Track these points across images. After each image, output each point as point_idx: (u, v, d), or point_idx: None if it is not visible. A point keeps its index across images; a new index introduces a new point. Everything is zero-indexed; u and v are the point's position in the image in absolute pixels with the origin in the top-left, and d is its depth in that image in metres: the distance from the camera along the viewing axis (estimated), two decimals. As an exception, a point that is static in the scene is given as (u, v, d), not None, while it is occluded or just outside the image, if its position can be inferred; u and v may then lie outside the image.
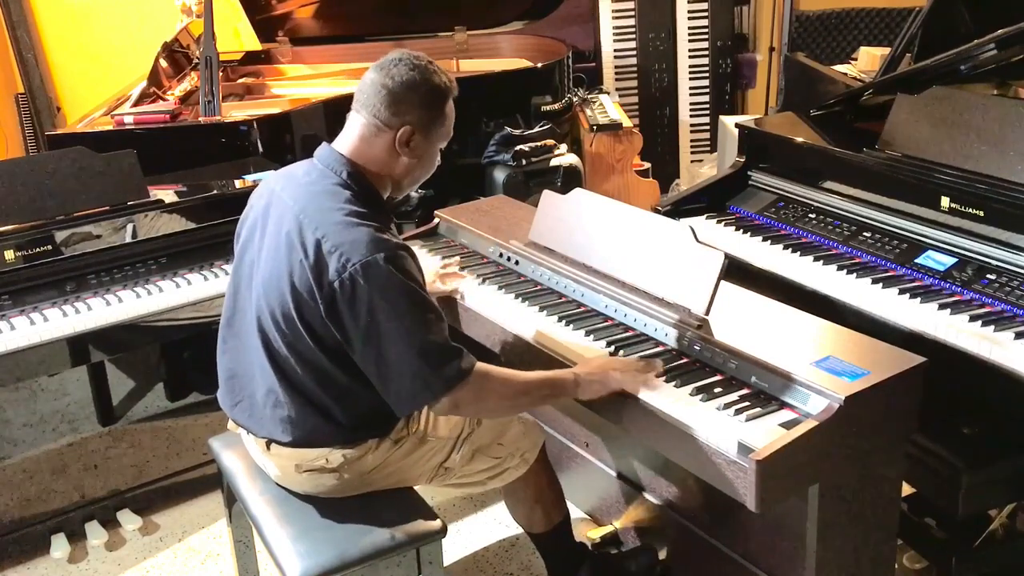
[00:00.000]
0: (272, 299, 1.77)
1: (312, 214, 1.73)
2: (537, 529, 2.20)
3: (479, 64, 4.44)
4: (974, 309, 2.03)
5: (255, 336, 1.83)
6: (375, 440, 1.88)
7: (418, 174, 1.88)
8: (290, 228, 1.75)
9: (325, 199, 1.75)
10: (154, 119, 3.26)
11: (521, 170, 3.82)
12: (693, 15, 4.98)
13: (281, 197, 1.82)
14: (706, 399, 1.76)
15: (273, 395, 1.84)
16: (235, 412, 1.95)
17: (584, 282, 2.19)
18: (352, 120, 1.83)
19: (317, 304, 1.70)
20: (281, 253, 1.76)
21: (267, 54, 4.45)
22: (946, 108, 2.33)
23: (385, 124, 1.78)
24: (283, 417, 1.83)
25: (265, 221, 1.85)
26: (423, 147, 1.83)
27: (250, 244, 1.89)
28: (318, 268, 1.68)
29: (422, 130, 1.81)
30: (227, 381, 1.96)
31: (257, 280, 1.83)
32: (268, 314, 1.79)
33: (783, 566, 1.95)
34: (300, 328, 1.74)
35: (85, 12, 4.81)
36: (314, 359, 1.77)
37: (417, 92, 1.78)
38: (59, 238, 2.53)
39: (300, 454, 1.86)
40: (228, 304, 1.95)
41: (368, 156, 1.80)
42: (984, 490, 1.96)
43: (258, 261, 1.84)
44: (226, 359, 1.96)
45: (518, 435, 2.08)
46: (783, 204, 2.67)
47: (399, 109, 1.77)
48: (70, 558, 2.58)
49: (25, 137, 4.88)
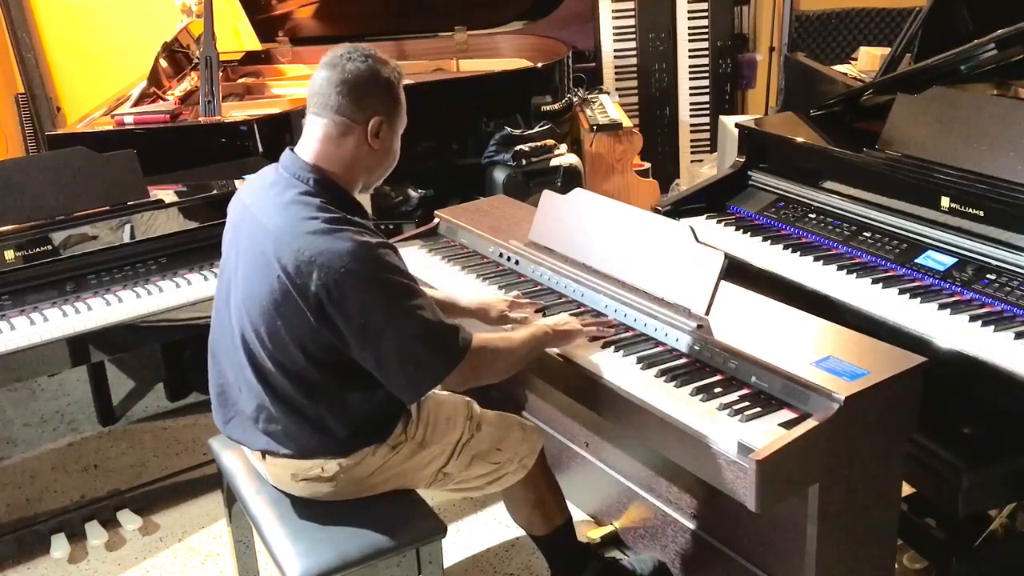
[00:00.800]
0: (255, 317, 1.76)
1: (286, 228, 1.71)
2: (538, 531, 2.20)
3: (479, 64, 4.44)
4: (974, 309, 2.03)
5: (240, 353, 1.81)
6: (371, 448, 1.86)
7: (386, 166, 1.86)
8: (265, 247, 1.72)
9: (296, 211, 1.72)
10: (154, 119, 3.26)
11: (521, 170, 3.82)
12: (693, 15, 4.98)
13: (252, 212, 1.80)
14: (706, 399, 1.76)
15: (264, 411, 1.82)
16: (228, 429, 1.93)
17: (584, 282, 2.19)
18: (312, 124, 1.78)
19: (306, 317, 1.68)
20: (259, 271, 1.73)
21: (267, 54, 4.45)
22: (946, 108, 2.33)
23: (352, 120, 1.75)
24: (276, 432, 1.82)
25: (238, 238, 1.83)
26: (390, 137, 1.82)
27: (227, 263, 1.88)
28: (301, 282, 1.66)
29: (388, 119, 1.79)
30: (218, 397, 1.94)
31: (236, 299, 1.81)
32: (252, 332, 1.77)
33: (783, 566, 1.95)
34: (287, 342, 1.72)
35: (85, 12, 4.81)
36: (302, 372, 1.75)
37: (378, 82, 1.76)
38: (59, 238, 2.53)
39: (295, 464, 1.85)
40: (215, 318, 1.94)
41: (335, 157, 1.77)
42: (984, 490, 1.95)
43: (235, 280, 1.82)
44: (215, 375, 1.94)
45: (517, 441, 2.07)
46: (783, 204, 2.67)
47: (364, 102, 1.75)
48: (70, 558, 2.58)
49: (25, 137, 4.88)
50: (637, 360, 1.92)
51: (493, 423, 2.05)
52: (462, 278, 2.43)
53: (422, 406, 1.95)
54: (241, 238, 1.81)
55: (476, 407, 2.05)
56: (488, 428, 2.03)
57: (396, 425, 1.89)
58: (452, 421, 1.98)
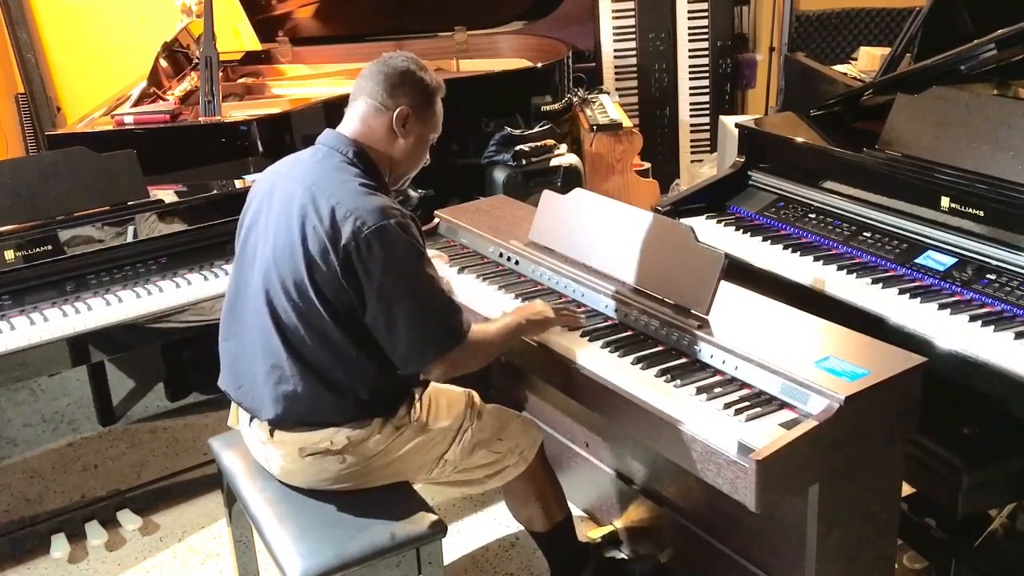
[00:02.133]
0: (284, 268, 1.83)
1: (324, 185, 1.83)
2: (538, 528, 2.21)
3: (479, 64, 4.44)
4: (974, 309, 2.03)
5: (263, 314, 1.87)
6: (379, 420, 1.90)
7: (412, 161, 1.98)
8: (303, 200, 1.83)
9: (335, 173, 1.86)
10: (154, 119, 3.26)
11: (521, 170, 3.82)
12: (693, 15, 4.98)
13: (289, 176, 1.92)
14: (706, 399, 1.76)
15: (278, 371, 1.86)
16: (239, 395, 1.97)
17: (584, 282, 2.19)
18: (352, 107, 1.95)
19: (333, 267, 1.77)
20: (293, 224, 1.82)
21: (267, 54, 4.45)
22: (946, 108, 2.33)
23: (383, 105, 1.90)
24: (287, 392, 1.86)
25: (271, 201, 1.92)
26: (417, 130, 1.94)
27: (255, 227, 1.95)
28: (334, 232, 1.76)
29: (416, 113, 1.92)
30: (230, 366, 2.00)
31: (266, 255, 1.88)
32: (279, 284, 1.84)
33: (783, 566, 1.95)
34: (311, 295, 1.80)
35: (85, 12, 4.80)
36: (324, 328, 1.82)
37: (412, 79, 1.92)
38: (59, 238, 2.53)
39: (304, 437, 1.88)
40: (231, 291, 2.00)
41: (370, 136, 1.91)
42: (984, 490, 1.95)
43: (265, 238, 1.89)
44: (229, 345, 2.00)
45: (517, 431, 2.09)
46: (783, 204, 2.67)
47: (396, 92, 1.90)
48: (70, 558, 2.58)
49: (25, 137, 4.88)
50: (637, 360, 1.92)
51: (493, 413, 2.10)
52: (462, 278, 2.43)
53: (424, 392, 2.01)
54: (275, 200, 1.91)
55: (477, 397, 2.10)
56: (489, 417, 2.08)
57: (402, 402, 1.94)
58: (453, 407, 2.03)
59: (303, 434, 1.88)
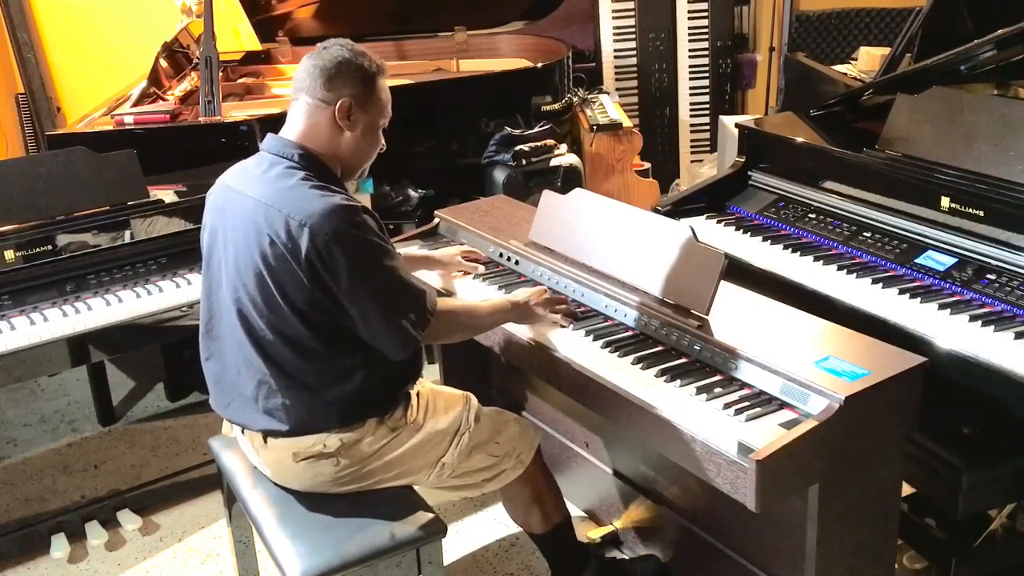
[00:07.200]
0: (251, 287, 1.82)
1: (274, 197, 1.80)
2: (536, 530, 2.20)
3: (479, 64, 4.43)
4: (974, 309, 2.03)
5: (238, 331, 1.86)
6: (373, 422, 1.90)
7: (364, 152, 1.93)
8: (255, 216, 1.80)
9: (282, 181, 1.82)
10: (154, 119, 3.25)
11: (521, 170, 3.82)
12: (693, 15, 4.98)
13: (238, 191, 1.88)
14: (706, 399, 1.76)
15: (265, 386, 1.86)
16: (229, 412, 1.96)
17: (584, 282, 2.19)
18: (293, 107, 1.90)
19: (299, 277, 1.76)
20: (251, 240, 1.80)
21: (267, 54, 4.45)
22: (946, 108, 2.33)
23: (323, 101, 1.85)
24: (277, 406, 1.86)
25: (224, 219, 1.90)
26: (363, 119, 1.89)
27: (215, 246, 1.93)
28: (292, 245, 1.75)
29: (359, 102, 1.87)
30: (216, 385, 1.99)
31: (231, 273, 1.86)
32: (249, 303, 1.83)
33: (783, 566, 1.95)
34: (283, 307, 1.79)
35: (85, 12, 4.80)
36: (300, 339, 1.81)
37: (348, 68, 1.86)
38: (59, 238, 2.53)
39: (297, 442, 1.87)
40: (204, 310, 1.98)
41: (313, 136, 1.87)
42: (984, 490, 1.95)
43: (227, 257, 1.88)
44: (211, 364, 1.99)
45: (515, 435, 2.08)
46: (783, 204, 2.67)
47: (334, 84, 1.85)
48: (70, 558, 2.57)
49: (25, 137, 4.88)
50: (637, 360, 1.92)
51: (491, 416, 2.09)
52: (461, 278, 2.43)
53: (421, 393, 2.01)
54: (228, 217, 1.88)
55: (474, 400, 2.08)
56: (486, 420, 2.06)
57: (397, 403, 1.94)
58: (450, 410, 2.02)
59: (295, 439, 1.87)
